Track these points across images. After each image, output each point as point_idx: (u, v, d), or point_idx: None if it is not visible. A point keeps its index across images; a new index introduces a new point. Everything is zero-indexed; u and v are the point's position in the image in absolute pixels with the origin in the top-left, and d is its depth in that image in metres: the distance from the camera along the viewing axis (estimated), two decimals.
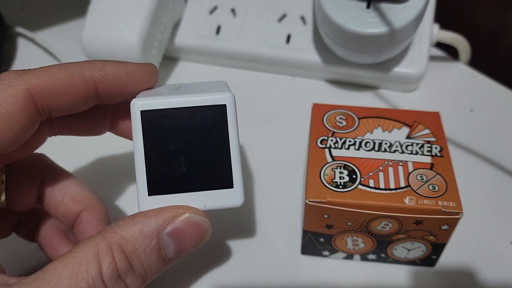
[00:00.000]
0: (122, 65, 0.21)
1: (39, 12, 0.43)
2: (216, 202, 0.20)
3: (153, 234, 0.19)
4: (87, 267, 0.17)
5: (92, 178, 0.30)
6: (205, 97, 0.20)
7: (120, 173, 0.30)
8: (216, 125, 0.20)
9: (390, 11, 0.30)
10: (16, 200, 0.23)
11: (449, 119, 0.32)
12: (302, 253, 0.26)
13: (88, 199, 0.24)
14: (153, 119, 0.19)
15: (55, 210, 0.23)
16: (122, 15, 0.32)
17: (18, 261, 0.26)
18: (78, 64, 0.20)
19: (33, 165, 0.23)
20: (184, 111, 0.20)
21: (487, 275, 0.25)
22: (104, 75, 0.20)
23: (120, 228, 0.18)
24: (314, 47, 0.35)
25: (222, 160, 0.20)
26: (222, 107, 0.20)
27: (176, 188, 0.20)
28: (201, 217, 0.20)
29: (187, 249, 0.20)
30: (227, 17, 0.36)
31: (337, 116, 0.26)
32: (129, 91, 0.21)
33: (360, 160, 0.23)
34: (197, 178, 0.20)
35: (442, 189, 0.22)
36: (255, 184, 0.30)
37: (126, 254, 0.18)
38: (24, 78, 0.19)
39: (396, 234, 0.23)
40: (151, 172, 0.20)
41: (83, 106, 0.21)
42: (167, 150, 0.20)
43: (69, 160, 0.29)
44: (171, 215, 0.19)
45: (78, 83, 0.20)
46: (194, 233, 0.20)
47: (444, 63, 0.37)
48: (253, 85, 0.36)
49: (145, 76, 0.21)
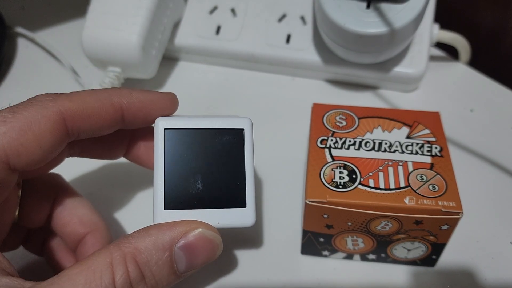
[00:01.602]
0: (148, 94, 0.22)
1: (39, 12, 0.43)
2: (229, 220, 0.21)
3: (166, 246, 0.19)
4: (101, 275, 0.17)
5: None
6: (225, 121, 0.21)
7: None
8: (233, 147, 0.21)
9: (390, 11, 0.30)
10: (28, 216, 0.23)
11: (449, 119, 0.32)
12: (302, 253, 0.26)
13: (95, 223, 0.24)
14: (175, 137, 0.21)
15: (61, 230, 0.24)
16: (122, 15, 0.32)
17: (18, 261, 0.26)
18: (107, 90, 0.22)
19: (47, 183, 0.24)
20: (205, 132, 0.21)
21: (487, 275, 0.25)
22: (131, 102, 0.22)
23: (135, 239, 0.19)
24: (314, 47, 0.35)
25: (237, 180, 0.21)
26: (240, 130, 0.21)
27: (192, 204, 0.21)
28: (213, 233, 0.20)
29: (197, 264, 0.20)
30: (227, 17, 0.36)
31: (337, 116, 0.26)
32: (153, 118, 0.22)
33: (360, 160, 0.23)
34: (212, 196, 0.21)
35: (442, 189, 0.22)
36: (255, 184, 0.30)
37: (139, 265, 0.18)
38: (58, 102, 0.20)
39: (396, 234, 0.23)
40: (169, 187, 0.20)
41: (108, 130, 0.22)
42: (186, 167, 0.21)
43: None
44: (184, 229, 0.20)
45: (107, 108, 0.21)
46: (205, 248, 0.20)
47: (444, 63, 0.37)
48: (253, 85, 0.36)
49: (168, 104, 0.23)
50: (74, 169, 0.27)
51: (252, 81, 0.36)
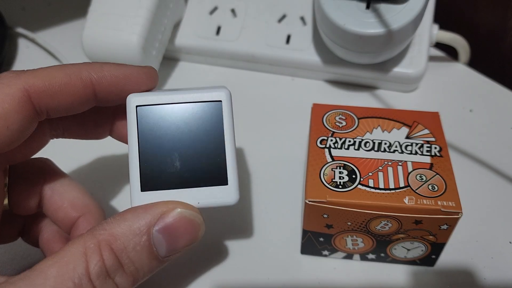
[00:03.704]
0: (121, 67, 0.21)
1: (40, 13, 0.43)
2: (210, 199, 0.20)
3: (143, 230, 0.18)
4: (74, 266, 0.17)
5: (91, 179, 0.30)
6: (201, 94, 0.20)
7: (119, 173, 0.30)
8: (211, 121, 0.20)
9: (389, 11, 0.30)
10: (19, 203, 0.23)
11: (449, 119, 0.32)
12: (301, 252, 0.26)
13: (87, 205, 0.24)
14: (148, 114, 0.19)
15: (54, 215, 0.23)
16: (122, 16, 0.32)
17: (19, 261, 0.26)
18: (76, 65, 0.20)
19: (35, 168, 0.23)
20: (180, 107, 0.20)
21: (487, 274, 0.25)
22: (102, 76, 0.20)
23: (110, 225, 0.18)
24: (313, 47, 0.35)
25: (217, 156, 0.20)
26: (217, 103, 0.20)
27: (170, 184, 0.20)
28: (193, 212, 0.19)
29: (180, 246, 0.19)
30: (227, 18, 0.37)
31: (336, 116, 0.26)
32: (127, 93, 0.21)
33: (360, 160, 0.23)
34: (191, 174, 0.20)
35: (442, 189, 0.22)
36: (255, 184, 0.30)
37: (115, 252, 0.18)
38: (22, 78, 0.19)
39: (395, 234, 0.23)
40: (145, 167, 0.19)
41: (81, 107, 0.21)
42: (162, 146, 0.20)
43: (70, 160, 0.30)
44: (161, 210, 0.19)
45: (75, 83, 0.20)
46: (186, 229, 0.19)
47: (444, 63, 0.37)
48: (253, 85, 0.36)
49: (144, 78, 0.21)
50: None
51: (252, 81, 0.36)
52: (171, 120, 0.20)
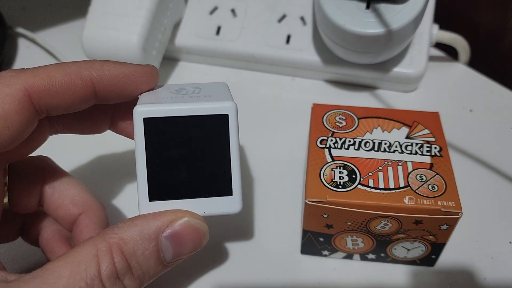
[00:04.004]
0: (121, 66, 0.21)
1: (40, 13, 0.43)
2: (215, 209, 0.20)
3: (152, 236, 0.19)
4: (86, 267, 0.17)
5: (92, 177, 0.30)
6: (208, 106, 0.20)
7: (120, 172, 0.30)
8: (217, 134, 0.20)
9: (389, 11, 0.30)
10: (19, 201, 0.23)
11: (449, 119, 0.32)
12: (302, 252, 0.26)
13: (87, 202, 0.24)
14: (155, 126, 0.20)
15: (55, 213, 0.24)
16: (122, 16, 0.32)
17: (19, 261, 0.26)
18: (76, 64, 0.20)
19: (35, 166, 0.23)
20: (187, 120, 0.20)
21: (487, 274, 0.25)
22: (102, 75, 0.20)
23: (120, 229, 0.19)
24: (313, 47, 0.35)
25: (223, 168, 0.20)
26: (224, 117, 0.20)
27: (177, 194, 0.20)
28: (199, 221, 0.20)
29: (184, 253, 0.20)
30: (227, 18, 0.37)
31: (336, 116, 0.26)
32: (128, 92, 0.21)
33: (360, 160, 0.23)
34: (197, 185, 0.20)
35: (442, 189, 0.22)
36: (255, 184, 0.30)
37: (125, 256, 0.18)
38: (22, 77, 0.19)
39: (395, 234, 0.23)
40: (152, 178, 0.20)
41: (81, 105, 0.21)
42: (169, 157, 0.20)
43: (70, 159, 0.30)
44: (170, 218, 0.19)
45: (75, 82, 0.20)
46: (192, 237, 0.20)
47: (444, 63, 0.37)
48: (253, 85, 0.36)
49: (144, 77, 0.21)
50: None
51: (252, 81, 0.36)
52: (178, 132, 0.20)
